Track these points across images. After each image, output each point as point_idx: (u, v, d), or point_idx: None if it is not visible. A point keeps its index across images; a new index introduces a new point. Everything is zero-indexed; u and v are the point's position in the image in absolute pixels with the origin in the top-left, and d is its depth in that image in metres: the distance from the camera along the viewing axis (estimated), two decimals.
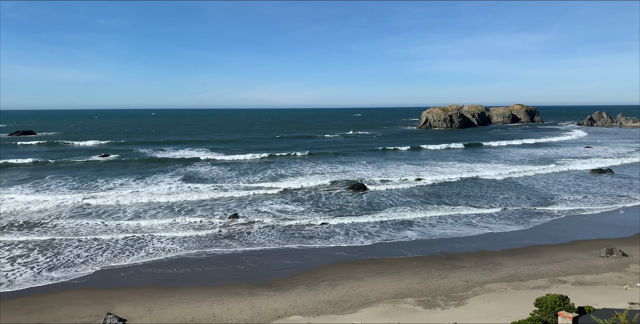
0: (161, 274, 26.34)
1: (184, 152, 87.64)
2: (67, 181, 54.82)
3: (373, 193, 48.09)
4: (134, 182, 54.22)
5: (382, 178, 56.17)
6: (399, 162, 72.36)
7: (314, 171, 62.49)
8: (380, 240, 32.73)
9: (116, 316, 20.07)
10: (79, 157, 79.02)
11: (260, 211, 40.42)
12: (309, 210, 41.19)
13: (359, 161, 73.30)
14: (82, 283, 24.93)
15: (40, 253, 29.50)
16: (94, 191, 48.87)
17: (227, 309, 21.15)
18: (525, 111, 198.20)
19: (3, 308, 21.59)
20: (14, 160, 72.74)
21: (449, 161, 73.33)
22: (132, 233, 34.05)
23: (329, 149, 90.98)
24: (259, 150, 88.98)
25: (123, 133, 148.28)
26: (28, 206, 41.90)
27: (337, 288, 23.64)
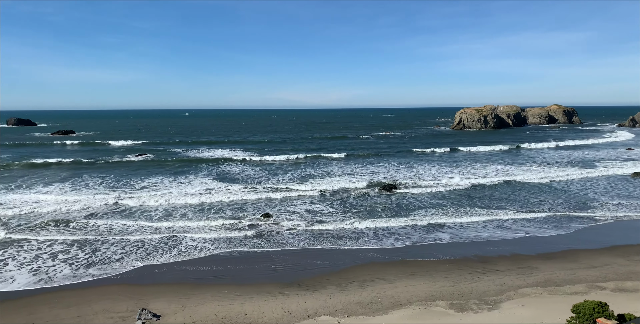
0: (194, 271, 26.81)
1: (216, 152, 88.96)
2: (103, 180, 56.45)
3: (404, 194, 47.65)
4: (168, 181, 55.35)
5: (413, 180, 55.62)
6: (430, 163, 71.50)
7: (344, 172, 62.40)
8: (411, 241, 32.41)
9: (151, 312, 20.54)
10: (116, 156, 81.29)
11: (290, 211, 40.63)
12: (338, 210, 41.16)
13: (390, 162, 72.79)
14: (118, 279, 25.62)
15: (79, 250, 30.51)
16: (129, 189, 50.19)
17: (258, 308, 21.36)
18: (563, 111, 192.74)
19: (44, 302, 22.41)
20: (55, 159, 75.41)
21: (483, 162, 71.99)
22: (165, 231, 34.79)
23: (359, 150, 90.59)
24: (289, 151, 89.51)
25: (158, 133, 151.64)
26: (66, 204, 43.30)
27: (368, 289, 23.54)
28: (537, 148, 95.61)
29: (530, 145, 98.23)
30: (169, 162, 73.78)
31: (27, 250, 30.29)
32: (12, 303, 22.44)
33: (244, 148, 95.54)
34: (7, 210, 40.50)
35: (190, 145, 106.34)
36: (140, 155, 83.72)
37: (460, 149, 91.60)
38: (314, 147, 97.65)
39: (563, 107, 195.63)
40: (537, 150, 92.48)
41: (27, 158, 77.68)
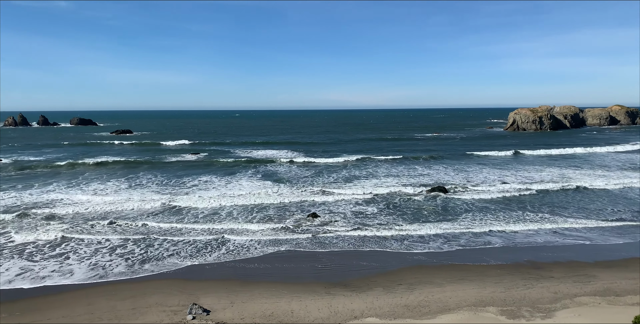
0: (242, 268, 27.36)
1: (264, 152, 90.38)
2: (157, 178, 58.61)
3: (452, 197, 46.61)
4: (217, 180, 56.77)
5: (463, 183, 54.36)
6: (481, 165, 69.61)
7: (390, 174, 61.81)
8: (459, 245, 31.69)
9: (201, 307, 21.13)
10: (170, 155, 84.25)
11: (335, 212, 40.69)
12: (384, 212, 40.83)
13: (439, 164, 71.48)
14: (170, 274, 26.52)
15: (134, 246, 31.82)
16: (181, 188, 51.90)
17: (304, 307, 21.52)
18: (626, 112, 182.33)
19: (102, 294, 23.55)
20: (113, 158, 79.13)
21: (537, 165, 69.31)
22: (212, 230, 35.68)
23: (407, 152, 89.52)
24: (336, 152, 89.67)
25: (209, 133, 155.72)
26: (121, 203, 45.17)
27: (415, 293, 23.22)
28: (596, 151, 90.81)
29: (589, 148, 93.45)
30: (219, 161, 75.57)
31: (87, 244, 31.91)
32: (72, 294, 23.71)
33: (291, 149, 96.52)
34: (66, 207, 42.78)
35: (239, 145, 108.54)
36: (194, 153, 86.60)
37: (513, 151, 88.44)
38: (361, 148, 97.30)
39: (626, 108, 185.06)
40: (596, 153, 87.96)
41: (86, 156, 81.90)
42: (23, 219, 38.10)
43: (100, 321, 20.27)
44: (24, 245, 31.83)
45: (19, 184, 54.32)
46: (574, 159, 77.51)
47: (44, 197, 46.78)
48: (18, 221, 37.47)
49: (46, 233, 34.06)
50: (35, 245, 31.70)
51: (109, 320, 20.31)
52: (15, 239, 32.96)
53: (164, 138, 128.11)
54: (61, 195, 47.75)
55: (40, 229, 35.34)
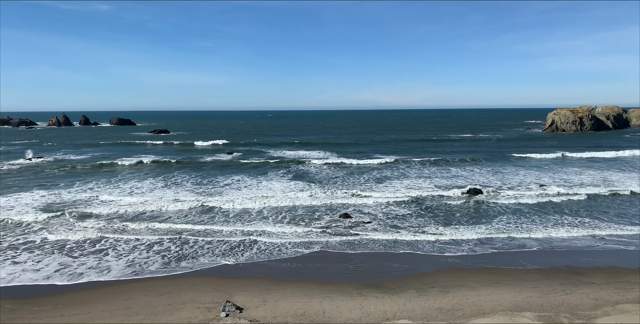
0: (275, 267, 27.58)
1: (297, 152, 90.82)
2: (191, 177, 59.74)
3: (487, 199, 45.67)
4: (249, 180, 57.38)
5: (498, 185, 53.21)
6: (518, 167, 67.94)
7: (423, 175, 61.10)
8: (494, 248, 31.04)
9: (234, 304, 21.43)
10: (205, 155, 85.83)
11: (367, 213, 40.51)
12: (417, 214, 40.38)
13: (474, 165, 70.17)
14: (204, 272, 26.99)
15: (170, 244, 32.49)
16: (214, 186, 52.78)
17: (336, 307, 21.52)
18: None
19: (139, 289, 24.19)
20: (150, 157, 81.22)
21: (576, 167, 67.15)
22: (245, 230, 36.06)
23: (441, 153, 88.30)
24: (370, 152, 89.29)
25: (243, 133, 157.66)
26: (155, 202, 46.20)
27: (449, 296, 22.87)
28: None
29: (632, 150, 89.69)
30: (252, 161, 76.39)
31: (124, 242, 32.83)
32: (111, 289, 24.45)
33: (323, 149, 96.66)
34: (103, 206, 44.13)
35: (272, 145, 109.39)
36: (227, 153, 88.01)
37: (551, 153, 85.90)
38: (394, 149, 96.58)
39: None
40: None
41: (124, 156, 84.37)
42: (62, 217, 39.51)
43: (137, 316, 20.82)
44: (64, 241, 33.01)
45: (60, 182, 56.36)
46: (616, 161, 74.69)
47: (83, 195, 48.38)
48: (58, 219, 38.86)
49: (84, 231, 35.22)
50: (74, 242, 32.82)
51: (146, 315, 20.84)
52: (55, 236, 34.19)
53: (199, 138, 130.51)
54: (99, 194, 49.28)
55: (78, 227, 36.57)
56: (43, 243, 32.31)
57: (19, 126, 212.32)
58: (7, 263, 28.39)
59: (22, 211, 40.86)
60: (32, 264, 28.28)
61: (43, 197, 47.16)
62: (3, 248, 31.35)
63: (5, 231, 35.40)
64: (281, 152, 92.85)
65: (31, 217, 38.77)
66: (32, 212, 40.50)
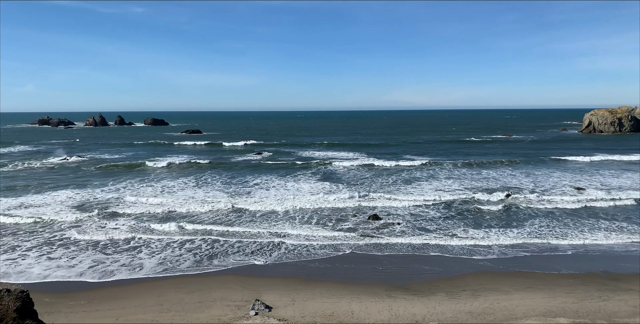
0: (303, 267, 27.70)
1: (326, 153, 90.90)
2: (222, 177, 60.63)
3: (519, 202, 44.67)
4: (278, 180, 57.81)
5: (531, 187, 51.95)
6: (552, 169, 66.18)
7: (453, 176, 60.22)
8: (527, 252, 30.35)
9: (263, 303, 21.62)
10: (235, 155, 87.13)
11: (395, 215, 40.23)
12: (446, 216, 39.87)
13: (506, 167, 68.71)
14: (235, 270, 27.34)
15: (201, 242, 33.09)
16: (244, 186, 53.44)
17: (365, 308, 21.45)
18: None
19: (171, 286, 24.69)
20: (184, 156, 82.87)
21: (614, 170, 64.91)
22: (274, 230, 36.36)
23: (473, 155, 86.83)
24: (399, 153, 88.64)
25: (273, 134, 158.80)
26: (185, 201, 47.00)
27: (480, 299, 22.49)
28: None
29: None
30: (281, 161, 76.91)
31: (156, 240, 33.57)
32: (144, 285, 25.05)
33: (352, 150, 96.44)
34: (136, 204, 45.18)
35: (301, 146, 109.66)
36: (257, 154, 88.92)
37: (588, 155, 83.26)
38: (424, 150, 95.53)
39: None
40: None
41: (157, 155, 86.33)
42: (95, 215, 40.63)
43: (168, 312, 21.25)
44: (97, 239, 33.97)
45: (95, 181, 58.04)
46: None
47: (116, 194, 49.68)
48: (91, 217, 39.99)
49: (117, 229, 36.22)
50: (106, 240, 33.73)
51: (177, 312, 21.24)
52: (88, 233, 35.23)
53: (230, 138, 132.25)
54: (132, 193, 50.53)
55: (111, 225, 37.60)
56: (76, 241, 33.33)
57: (57, 126, 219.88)
58: (43, 259, 29.43)
59: (57, 209, 42.25)
60: (66, 260, 29.23)
61: (77, 195, 48.64)
62: (39, 244, 32.50)
63: (41, 228, 36.68)
64: (310, 152, 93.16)
65: (65, 215, 40.03)
66: (67, 210, 41.83)
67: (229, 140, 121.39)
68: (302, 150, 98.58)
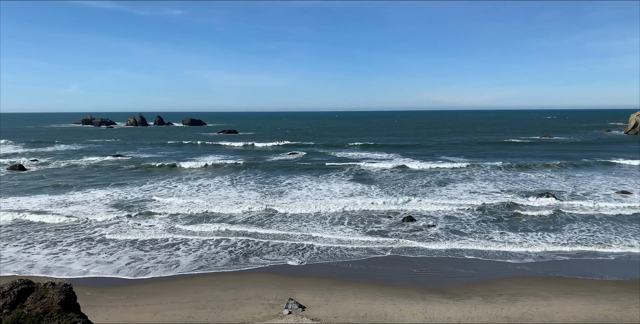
0: (337, 268, 27.71)
1: (360, 154, 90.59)
2: (256, 177, 61.42)
3: (559, 206, 43.29)
4: (311, 181, 58.04)
5: (571, 191, 50.29)
6: (594, 172, 63.88)
7: (489, 178, 58.93)
8: (567, 256, 29.41)
9: (297, 302, 21.74)
10: (270, 155, 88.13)
11: (430, 217, 39.73)
12: (482, 219, 39.08)
13: (544, 169, 66.71)
14: (268, 269, 27.60)
15: (236, 241, 33.60)
16: (276, 186, 54.04)
17: (398, 310, 21.27)
18: None
19: (207, 283, 25.14)
20: (220, 156, 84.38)
21: None
22: (306, 229, 36.53)
23: (510, 157, 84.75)
24: (434, 154, 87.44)
25: (307, 134, 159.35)
26: (220, 201, 47.74)
27: (517, 304, 21.94)
28: None
29: None
30: (314, 162, 77.11)
31: (192, 238, 34.28)
32: (181, 282, 25.61)
33: (386, 151, 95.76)
34: (172, 203, 46.22)
35: (335, 146, 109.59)
36: (291, 154, 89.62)
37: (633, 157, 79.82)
38: (459, 151, 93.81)
39: None
40: None
41: (195, 155, 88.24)
42: (133, 213, 41.75)
43: (204, 309, 21.65)
44: (134, 236, 34.91)
45: (134, 180, 59.74)
46: None
47: (154, 193, 50.97)
48: (129, 215, 41.10)
49: (153, 227, 37.22)
50: (145, 237, 34.63)
51: (212, 309, 21.62)
52: (126, 231, 36.26)
53: (265, 138, 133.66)
54: (169, 192, 51.75)
55: (148, 223, 38.61)
56: (114, 238, 34.33)
57: (100, 125, 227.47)
58: (83, 254, 30.50)
59: (96, 207, 43.67)
60: (105, 256, 30.19)
61: (116, 194, 50.12)
62: (78, 240, 33.68)
63: (81, 224, 37.99)
64: (343, 153, 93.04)
65: (104, 213, 41.33)
66: (105, 208, 43.18)
67: (263, 140, 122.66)
68: (336, 150, 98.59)
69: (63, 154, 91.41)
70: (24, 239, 33.94)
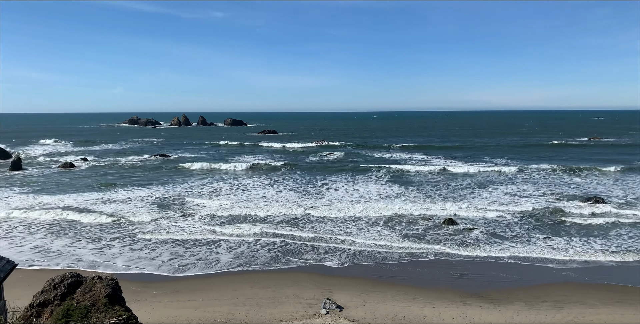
0: (375, 269, 27.55)
1: (399, 155, 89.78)
2: (294, 177, 61.97)
3: (605, 210, 41.37)
4: (347, 182, 58.13)
5: (620, 195, 48.10)
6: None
7: (531, 181, 57.11)
8: (615, 263, 28.18)
9: (334, 303, 21.76)
10: (308, 155, 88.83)
11: (470, 219, 38.92)
12: (524, 222, 37.93)
13: (592, 172, 63.88)
14: (307, 268, 27.75)
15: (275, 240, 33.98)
16: (314, 186, 54.42)
17: (438, 314, 20.95)
18: None
19: (246, 281, 25.52)
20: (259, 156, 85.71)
21: None
22: (343, 230, 36.43)
23: (556, 160, 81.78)
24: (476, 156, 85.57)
25: (346, 135, 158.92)
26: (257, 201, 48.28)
27: (563, 312, 21.19)
28: None
29: None
30: (352, 163, 76.90)
31: (232, 236, 34.89)
32: (220, 279, 26.11)
33: (426, 152, 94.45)
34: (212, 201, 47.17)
35: (374, 147, 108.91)
36: (329, 154, 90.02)
37: None
38: (503, 153, 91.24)
39: None
40: None
41: (236, 155, 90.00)
42: (174, 211, 42.83)
43: (243, 306, 21.98)
44: (176, 233, 35.80)
45: (176, 178, 61.42)
46: None
47: (194, 192, 52.24)
48: (169, 213, 42.18)
49: (194, 225, 38.08)
50: (185, 234, 35.48)
51: (251, 307, 21.92)
52: (168, 228, 37.22)
53: (304, 138, 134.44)
54: (209, 190, 52.91)
55: (189, 220, 39.51)
56: (155, 235, 35.31)
57: (145, 125, 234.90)
58: (126, 250, 31.57)
59: (139, 205, 45.06)
60: (147, 252, 31.15)
61: (157, 192, 51.54)
62: (122, 236, 34.83)
63: (124, 221, 39.25)
64: (382, 154, 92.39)
65: (146, 210, 42.65)
66: (147, 206, 44.52)
67: (302, 141, 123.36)
68: (375, 151, 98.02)
69: (110, 153, 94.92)
70: (71, 234, 35.47)
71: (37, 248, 31.89)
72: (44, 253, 30.99)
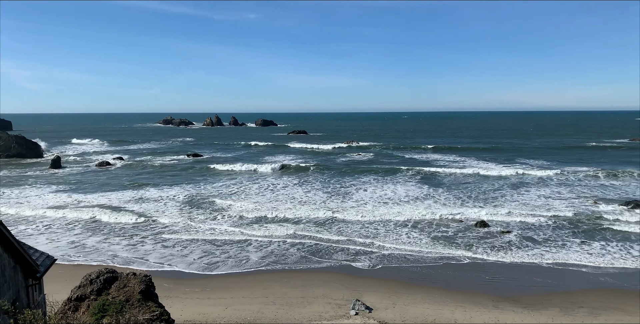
0: (405, 271, 27.33)
1: (429, 156, 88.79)
2: (323, 176, 62.09)
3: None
4: (376, 182, 57.81)
5: None
6: None
7: (565, 183, 55.39)
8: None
9: (364, 304, 21.71)
10: (337, 156, 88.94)
11: (502, 222, 38.12)
12: (558, 226, 36.88)
13: (631, 175, 61.17)
14: (336, 269, 27.77)
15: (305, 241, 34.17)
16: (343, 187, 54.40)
17: (469, 318, 20.63)
18: None
19: (276, 280, 25.74)
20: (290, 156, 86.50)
21: None
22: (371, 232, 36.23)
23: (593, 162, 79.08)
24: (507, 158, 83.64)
25: (376, 135, 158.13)
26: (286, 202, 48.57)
27: (600, 319, 20.53)
28: None
29: None
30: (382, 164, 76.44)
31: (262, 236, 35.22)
32: (251, 277, 26.41)
33: (457, 153, 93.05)
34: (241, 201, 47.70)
35: (403, 148, 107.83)
36: (358, 155, 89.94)
37: None
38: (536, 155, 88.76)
39: None
40: None
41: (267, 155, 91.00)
42: (204, 210, 43.51)
43: (273, 305, 22.17)
44: (206, 231, 36.37)
45: (207, 178, 62.40)
46: None
47: (225, 191, 52.98)
48: (200, 212, 42.84)
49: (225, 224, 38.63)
50: (216, 233, 36.01)
51: (281, 306, 22.09)
52: (198, 227, 37.80)
53: (334, 139, 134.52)
54: (239, 190, 53.58)
55: (219, 219, 40.08)
56: (186, 233, 35.93)
57: (179, 125, 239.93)
58: (158, 247, 32.28)
59: (170, 204, 45.86)
60: (179, 249, 31.76)
61: (189, 191, 52.41)
62: (154, 233, 35.60)
63: (156, 219, 40.08)
64: (412, 155, 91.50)
65: (177, 209, 43.45)
66: (179, 205, 45.34)
67: (332, 141, 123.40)
68: (405, 152, 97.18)
69: (144, 152, 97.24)
70: (105, 231, 36.55)
71: (73, 244, 32.99)
72: (79, 248, 32.02)
